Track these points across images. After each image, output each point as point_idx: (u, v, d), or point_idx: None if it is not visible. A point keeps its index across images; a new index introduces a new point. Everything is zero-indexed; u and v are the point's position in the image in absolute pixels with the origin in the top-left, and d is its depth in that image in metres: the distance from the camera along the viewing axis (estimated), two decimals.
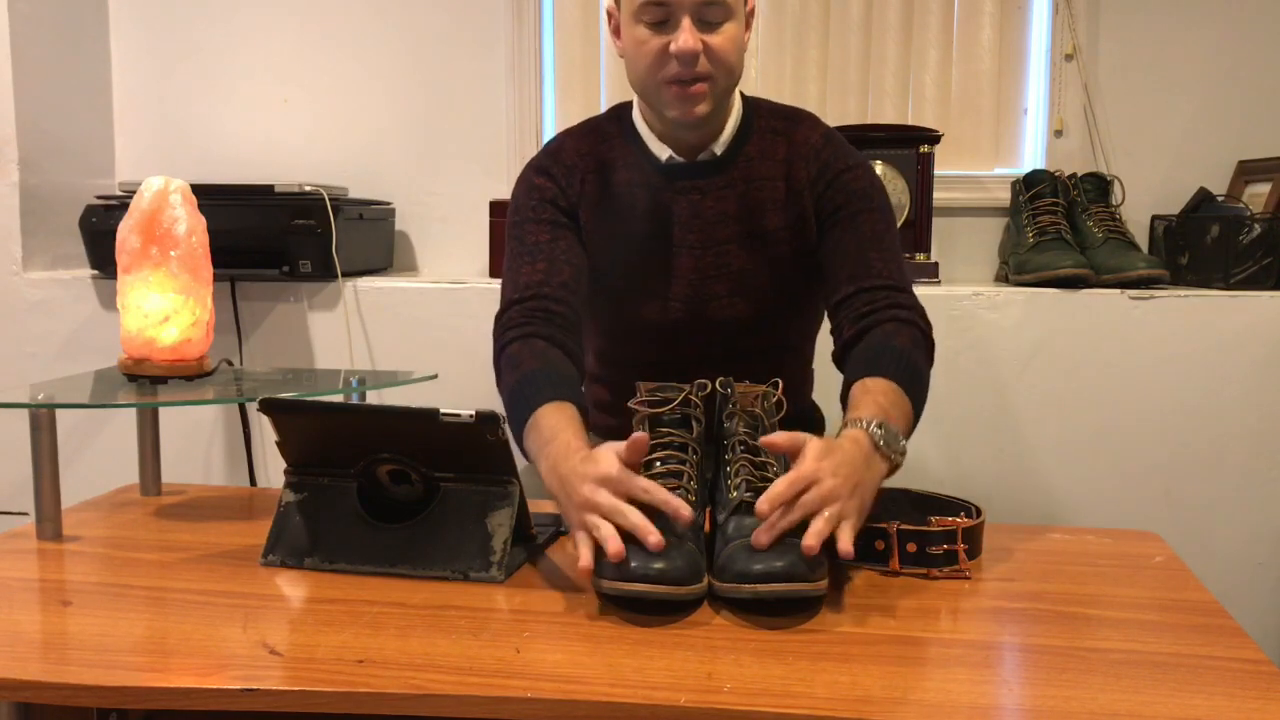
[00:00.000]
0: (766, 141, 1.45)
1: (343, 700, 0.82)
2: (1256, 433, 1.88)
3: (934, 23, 2.18)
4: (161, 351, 1.34)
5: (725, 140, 1.43)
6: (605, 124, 1.50)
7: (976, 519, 1.12)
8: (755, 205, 1.42)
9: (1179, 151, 2.16)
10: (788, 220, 1.43)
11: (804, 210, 1.43)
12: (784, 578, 0.94)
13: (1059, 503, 1.93)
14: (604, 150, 1.45)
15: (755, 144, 1.45)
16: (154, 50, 2.38)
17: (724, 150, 1.43)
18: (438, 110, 2.31)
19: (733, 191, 1.43)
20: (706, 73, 1.33)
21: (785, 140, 1.44)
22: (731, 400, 1.11)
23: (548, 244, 1.40)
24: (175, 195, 1.34)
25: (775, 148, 1.44)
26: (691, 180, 1.43)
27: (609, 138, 1.47)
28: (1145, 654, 0.89)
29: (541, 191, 1.44)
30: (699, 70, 1.33)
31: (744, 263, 1.43)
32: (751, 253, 1.43)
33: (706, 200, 1.43)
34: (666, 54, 1.32)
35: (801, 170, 1.43)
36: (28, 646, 0.90)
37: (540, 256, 1.39)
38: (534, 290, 1.35)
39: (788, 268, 1.44)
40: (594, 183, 1.44)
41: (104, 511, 1.33)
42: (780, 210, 1.43)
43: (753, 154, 1.44)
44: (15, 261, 2.14)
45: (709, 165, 1.43)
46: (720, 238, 1.43)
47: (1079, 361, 1.90)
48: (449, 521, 1.08)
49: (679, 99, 1.35)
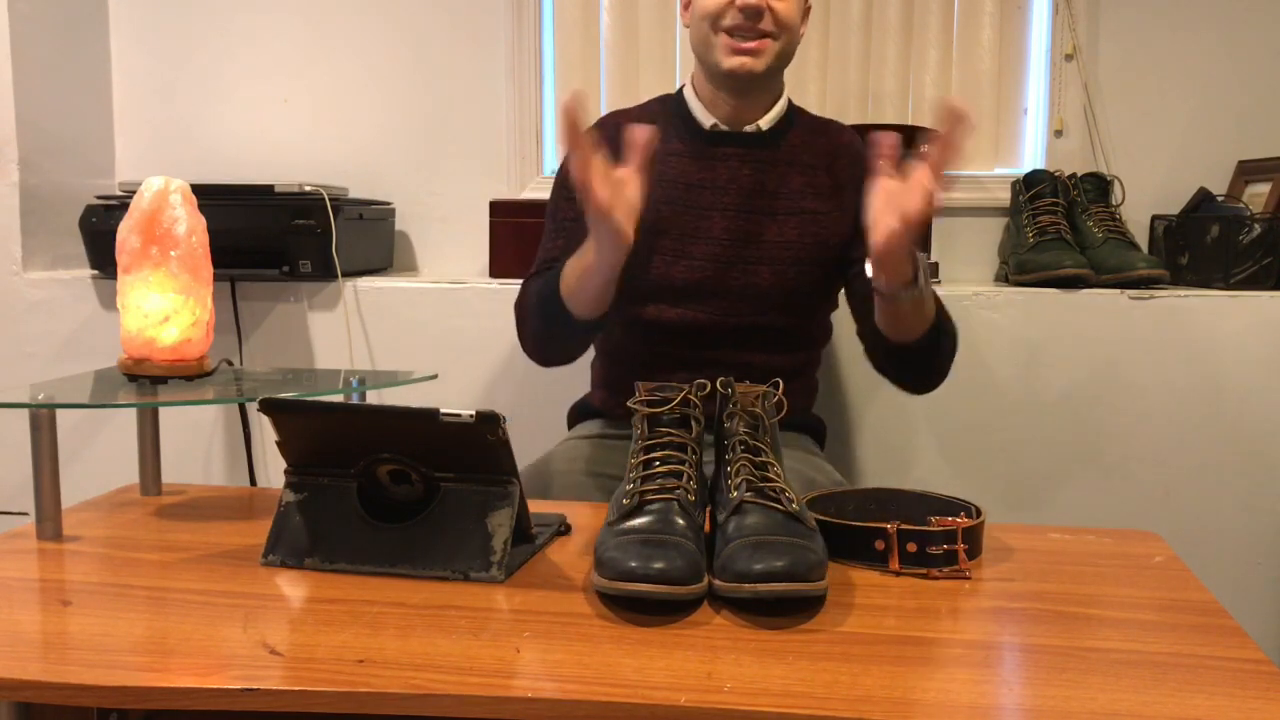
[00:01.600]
0: (808, 134, 1.54)
1: (343, 700, 0.82)
2: (1256, 433, 1.88)
3: (934, 23, 2.18)
4: (161, 351, 1.34)
5: (772, 118, 1.52)
6: (653, 104, 1.59)
7: (976, 519, 1.12)
8: (796, 186, 1.50)
9: (1179, 151, 2.16)
10: (828, 208, 1.51)
11: (845, 205, 1.51)
12: (784, 578, 0.94)
13: (1059, 503, 1.93)
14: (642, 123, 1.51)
15: (798, 133, 1.54)
16: (154, 50, 2.38)
17: (769, 127, 1.51)
18: (438, 110, 2.31)
19: (775, 169, 1.50)
20: (770, 30, 1.42)
21: (826, 137, 1.54)
22: (731, 400, 1.11)
23: (572, 223, 1.48)
24: (175, 195, 1.33)
25: (816, 140, 1.54)
26: (734, 148, 1.51)
27: (652, 115, 1.55)
28: (1145, 654, 0.89)
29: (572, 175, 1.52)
30: (762, 26, 1.41)
31: (775, 235, 1.50)
32: (784, 227, 1.50)
33: (745, 168, 1.50)
34: (730, 5, 1.41)
35: (847, 170, 1.52)
36: (28, 646, 0.90)
37: (562, 234, 1.51)
38: (550, 265, 1.47)
39: (816, 251, 1.50)
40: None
41: (104, 511, 1.33)
42: (821, 197, 1.51)
43: (796, 141, 1.53)
44: (15, 261, 2.14)
45: (753, 138, 1.51)
46: (756, 206, 1.49)
47: (1079, 361, 1.90)
48: (449, 521, 1.08)
49: (735, 51, 1.43)
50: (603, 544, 1.00)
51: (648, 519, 1.01)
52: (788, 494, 1.04)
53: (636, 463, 1.07)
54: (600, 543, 1.01)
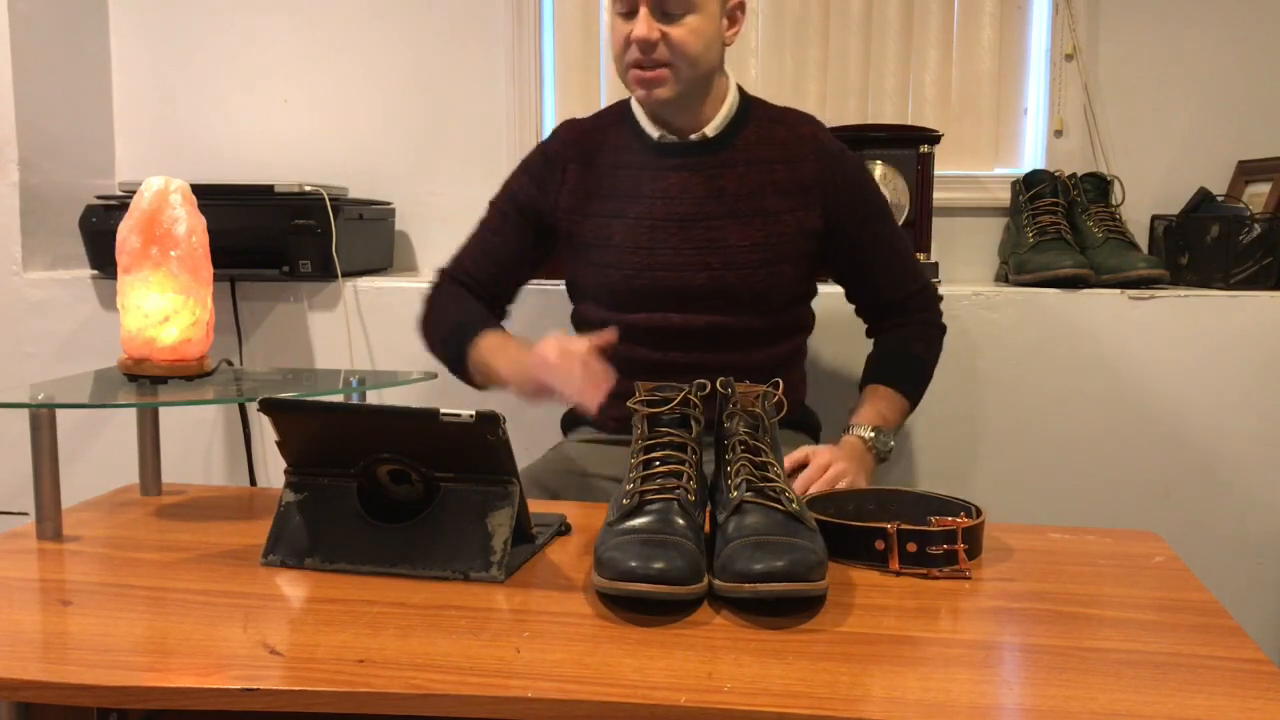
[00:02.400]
0: (765, 129, 1.53)
1: (343, 700, 0.82)
2: (1256, 433, 1.88)
3: (934, 23, 2.18)
4: (161, 351, 1.34)
5: (719, 123, 1.51)
6: (607, 113, 1.61)
7: (976, 519, 1.12)
8: (755, 186, 1.50)
9: (1179, 151, 2.16)
10: (792, 205, 1.50)
11: (810, 201, 1.51)
12: (784, 578, 0.94)
13: (1059, 503, 1.93)
14: (593, 138, 1.56)
15: (754, 130, 1.53)
16: (154, 50, 2.38)
17: (717, 132, 1.51)
18: (438, 110, 2.31)
19: (730, 171, 1.50)
20: (665, 60, 1.43)
21: (786, 129, 1.54)
22: (731, 400, 1.11)
23: (490, 234, 1.60)
24: (175, 195, 1.33)
25: (774, 134, 1.53)
26: (683, 158, 1.51)
27: (604, 126, 1.57)
28: (1145, 654, 0.89)
29: (515, 180, 1.61)
30: (656, 57, 1.43)
31: (739, 238, 1.49)
32: (749, 229, 1.49)
33: (697, 177, 1.50)
34: (630, 41, 1.43)
35: (810, 164, 1.51)
36: (28, 646, 0.90)
37: (478, 243, 1.61)
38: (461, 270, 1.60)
39: (786, 249, 1.50)
40: (575, 171, 1.55)
41: (104, 511, 1.33)
42: (783, 194, 1.50)
43: (751, 139, 1.52)
44: (15, 261, 2.14)
45: (701, 145, 1.51)
46: (714, 212, 1.49)
47: (1079, 361, 1.90)
48: (449, 521, 1.08)
49: (639, 83, 1.46)
50: (603, 544, 1.00)
51: (648, 519, 1.01)
52: (788, 494, 1.04)
53: (636, 463, 1.07)
54: (600, 543, 1.01)
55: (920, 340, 1.61)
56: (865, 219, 1.56)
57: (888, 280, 1.59)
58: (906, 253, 1.62)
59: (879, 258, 1.58)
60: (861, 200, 1.56)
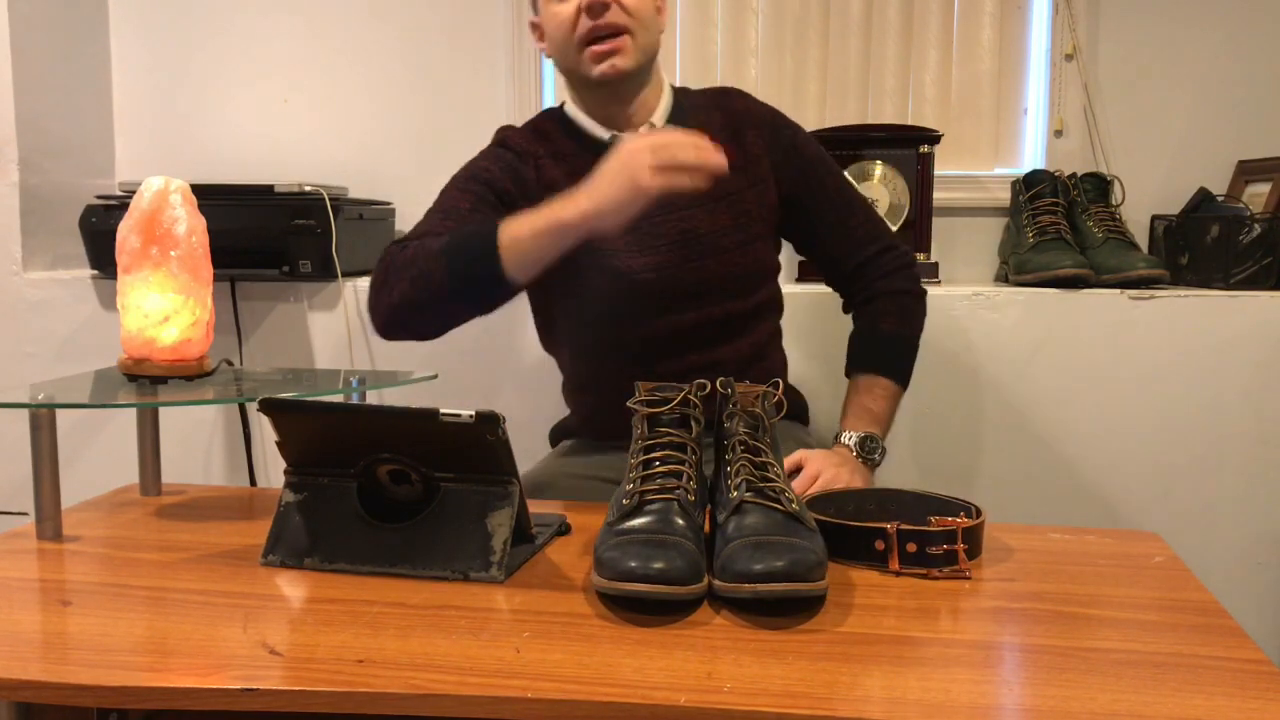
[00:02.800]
0: (703, 115, 1.50)
1: (343, 700, 0.82)
2: (1256, 433, 1.88)
3: (934, 23, 2.18)
4: (161, 351, 1.34)
5: (663, 113, 1.49)
6: (543, 121, 1.55)
7: (976, 519, 1.12)
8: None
9: (1179, 151, 2.16)
10: (749, 181, 1.48)
11: (763, 174, 1.49)
12: (784, 578, 0.94)
13: (1059, 503, 1.93)
14: (544, 143, 1.51)
15: (693, 116, 1.50)
16: (154, 50, 2.38)
17: (663, 123, 1.48)
18: (438, 110, 2.31)
19: None
20: (622, 23, 1.39)
21: (720, 110, 1.51)
22: (731, 400, 1.11)
23: (467, 212, 1.43)
24: (175, 195, 1.33)
25: (712, 117, 1.50)
26: None
27: (548, 132, 1.52)
28: (1145, 654, 0.89)
29: (481, 170, 1.49)
30: (612, 20, 1.38)
31: (710, 225, 1.46)
32: (716, 215, 1.47)
33: None
34: (579, 14, 1.38)
35: (752, 137, 1.49)
36: (28, 646, 0.90)
37: (451, 219, 1.41)
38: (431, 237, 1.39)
39: (751, 229, 1.48)
40: (548, 167, 1.48)
41: (104, 511, 1.33)
42: (738, 172, 1.46)
43: (694, 125, 1.46)
44: (15, 261, 2.14)
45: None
46: (678, 204, 1.44)
47: (1079, 361, 1.90)
48: (449, 521, 1.08)
49: (597, 57, 1.40)
50: (602, 544, 1.00)
51: (647, 519, 1.01)
52: (788, 494, 1.04)
53: (636, 463, 1.07)
54: (600, 543, 1.01)
55: (890, 316, 1.53)
56: (816, 182, 1.52)
57: (846, 245, 1.54)
58: (864, 215, 1.55)
59: (835, 221, 1.53)
60: (808, 163, 1.52)
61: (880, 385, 1.50)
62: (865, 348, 1.53)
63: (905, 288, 1.54)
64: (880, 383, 1.50)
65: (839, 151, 2.03)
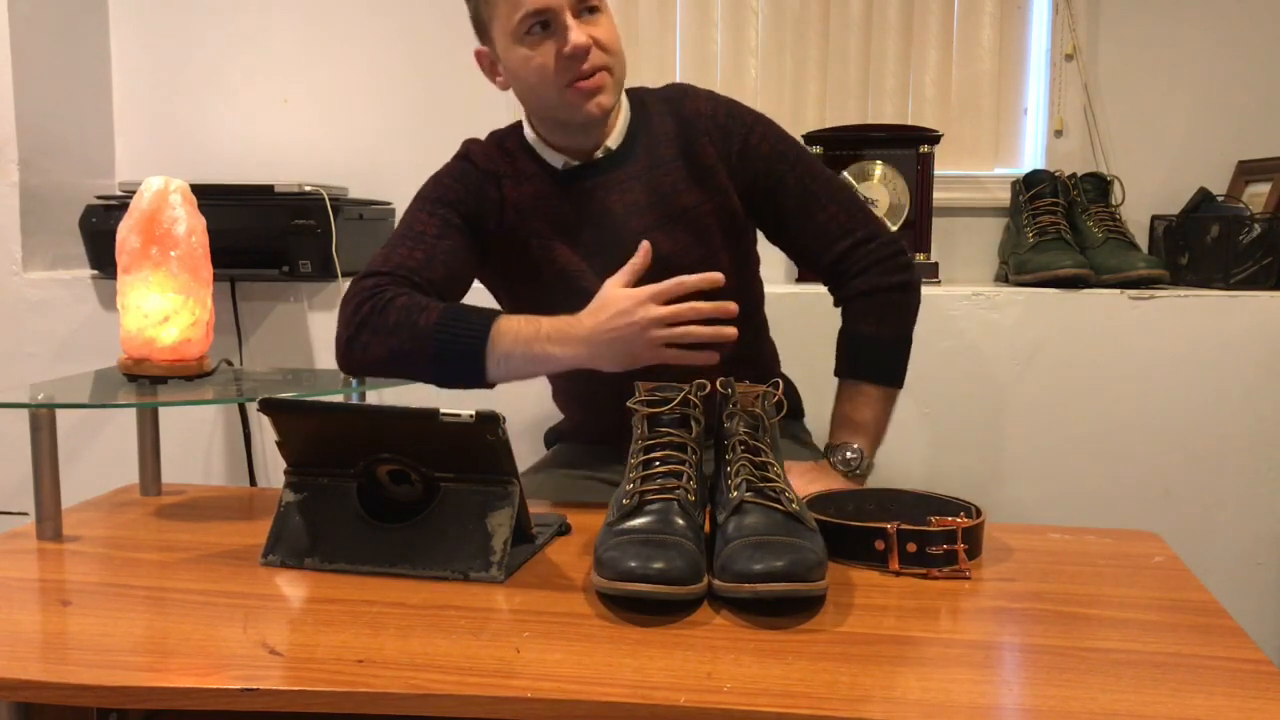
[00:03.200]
0: (657, 124, 1.45)
1: (343, 700, 0.82)
2: (1256, 433, 1.88)
3: (934, 23, 2.18)
4: (161, 351, 1.34)
5: (619, 134, 1.43)
6: (506, 137, 1.49)
7: (976, 519, 1.12)
8: (667, 189, 1.42)
9: (1179, 151, 2.16)
10: (707, 194, 1.42)
11: (720, 184, 1.43)
12: (784, 578, 0.94)
13: (1059, 503, 1.93)
14: (510, 164, 1.44)
15: (650, 131, 1.44)
16: (154, 50, 2.38)
17: (619, 144, 1.43)
18: (438, 110, 2.31)
19: (639, 182, 1.42)
20: (604, 62, 1.35)
21: (672, 118, 1.45)
22: (731, 400, 1.11)
23: (433, 238, 1.39)
24: (175, 195, 1.33)
25: (665, 127, 1.44)
26: (593, 180, 1.42)
27: (512, 153, 1.46)
28: (1145, 654, 0.89)
29: (447, 190, 1.44)
30: (596, 62, 1.34)
31: (670, 247, 1.40)
32: (675, 234, 1.41)
33: (612, 196, 1.41)
34: (560, 58, 1.33)
35: (706, 146, 1.42)
36: (28, 646, 0.90)
37: (420, 246, 1.38)
38: (405, 273, 1.35)
39: (717, 241, 1.44)
40: (511, 188, 1.43)
41: (104, 511, 1.33)
42: (694, 186, 1.42)
43: (649, 142, 1.44)
44: (15, 261, 2.14)
45: (606, 162, 1.42)
46: (638, 228, 1.40)
47: (1079, 361, 1.90)
48: (449, 521, 1.08)
49: (584, 96, 1.35)
50: (602, 544, 1.00)
51: (647, 519, 1.01)
52: (788, 494, 1.04)
53: (636, 463, 1.07)
54: (600, 543, 1.01)
55: (867, 317, 1.43)
56: (775, 181, 1.43)
57: (816, 241, 1.45)
58: (835, 207, 1.44)
59: (801, 217, 1.44)
60: (766, 161, 1.43)
61: (863, 392, 1.43)
62: (845, 352, 1.46)
63: (881, 284, 1.42)
64: (863, 389, 1.43)
65: (839, 151, 2.03)
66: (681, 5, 2.24)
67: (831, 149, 2.03)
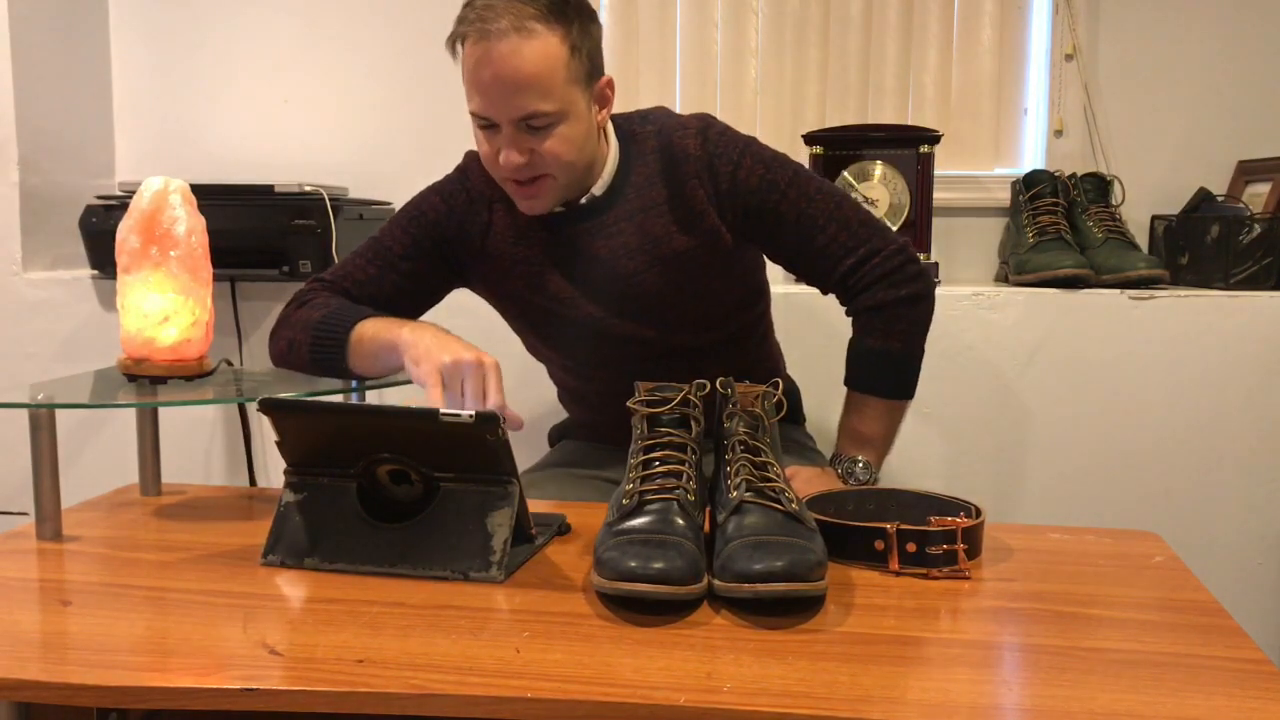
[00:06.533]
0: (647, 164, 1.41)
1: (343, 700, 0.82)
2: (1256, 433, 1.88)
3: (934, 23, 2.19)
4: (161, 351, 1.34)
5: (606, 180, 1.41)
6: None
7: (976, 519, 1.12)
8: (658, 233, 1.40)
9: (1179, 151, 2.16)
10: (699, 237, 1.40)
11: (711, 225, 1.40)
12: (784, 578, 0.94)
13: (1059, 503, 1.93)
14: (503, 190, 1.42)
15: (639, 171, 1.41)
16: (154, 50, 2.38)
17: (605, 190, 1.41)
18: (438, 110, 2.31)
19: (629, 224, 1.40)
20: (544, 172, 1.33)
21: (662, 155, 1.41)
22: (731, 400, 1.11)
23: (397, 257, 1.45)
24: (175, 195, 1.33)
25: (655, 165, 1.41)
26: (579, 225, 1.41)
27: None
28: (1145, 654, 0.89)
29: (431, 208, 1.46)
30: (534, 173, 1.33)
31: (660, 287, 1.40)
32: (667, 275, 1.40)
33: (598, 240, 1.40)
34: (495, 162, 1.34)
35: (696, 189, 1.39)
36: (28, 646, 0.90)
37: (377, 264, 1.45)
38: (349, 285, 1.45)
39: (710, 276, 1.42)
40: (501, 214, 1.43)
41: (104, 511, 1.33)
42: (685, 229, 1.40)
43: (639, 182, 1.41)
44: (15, 261, 2.14)
45: (593, 208, 1.40)
46: (626, 271, 1.40)
47: (1079, 361, 1.90)
48: (449, 521, 1.08)
49: (520, 196, 1.36)
50: (602, 544, 1.00)
51: (647, 519, 1.01)
52: (788, 494, 1.04)
53: (636, 463, 1.07)
54: (600, 543, 1.01)
55: (874, 332, 1.41)
56: (769, 214, 1.40)
57: (819, 265, 1.42)
58: (835, 228, 1.40)
59: (800, 245, 1.41)
60: (756, 195, 1.39)
61: (870, 405, 1.43)
62: (853, 365, 1.44)
63: (888, 298, 1.40)
64: (870, 401, 1.43)
65: (839, 151, 2.03)
66: (681, 5, 2.24)
67: (831, 149, 2.03)
